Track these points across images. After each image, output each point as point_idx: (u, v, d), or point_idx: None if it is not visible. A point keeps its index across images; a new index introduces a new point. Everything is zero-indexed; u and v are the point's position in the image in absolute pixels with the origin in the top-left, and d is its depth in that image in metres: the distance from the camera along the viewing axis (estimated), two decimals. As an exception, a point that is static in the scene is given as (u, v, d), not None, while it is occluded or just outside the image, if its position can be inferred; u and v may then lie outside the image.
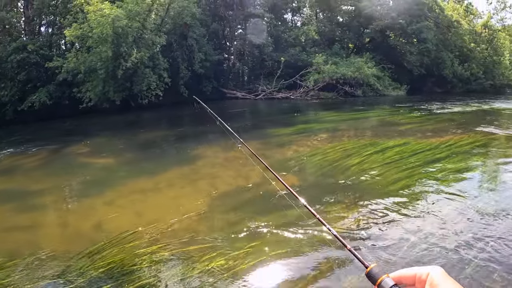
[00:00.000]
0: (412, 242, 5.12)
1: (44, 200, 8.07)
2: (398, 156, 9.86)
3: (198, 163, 10.44)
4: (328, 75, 31.20)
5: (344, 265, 4.66)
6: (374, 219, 5.95)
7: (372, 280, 1.05)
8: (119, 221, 6.43)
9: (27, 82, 23.53)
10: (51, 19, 27.24)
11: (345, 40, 41.21)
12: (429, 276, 0.93)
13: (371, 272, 1.06)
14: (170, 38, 26.71)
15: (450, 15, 41.16)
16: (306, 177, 8.61)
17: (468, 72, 40.17)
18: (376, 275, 1.04)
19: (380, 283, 1.01)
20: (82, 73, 22.36)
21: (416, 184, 7.63)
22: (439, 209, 6.24)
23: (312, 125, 16.59)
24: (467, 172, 8.57)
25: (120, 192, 8.18)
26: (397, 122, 16.69)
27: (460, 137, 12.29)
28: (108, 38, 21.54)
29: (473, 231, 5.40)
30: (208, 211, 6.69)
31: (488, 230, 5.42)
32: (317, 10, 42.13)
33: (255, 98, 32.28)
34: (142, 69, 23.56)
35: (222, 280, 4.45)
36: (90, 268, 4.87)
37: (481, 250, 4.84)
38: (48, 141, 15.28)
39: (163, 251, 5.20)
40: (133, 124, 20.24)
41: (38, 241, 6.01)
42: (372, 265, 1.07)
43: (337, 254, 4.90)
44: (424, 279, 0.95)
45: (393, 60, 36.28)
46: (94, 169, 10.60)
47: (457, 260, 4.62)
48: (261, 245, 5.22)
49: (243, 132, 15.61)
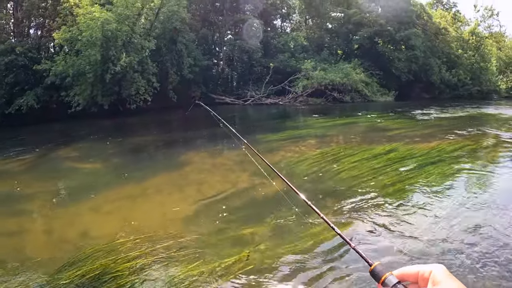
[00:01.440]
0: (402, 246, 5.15)
1: (30, 205, 7.99)
2: (386, 161, 9.92)
3: (186, 168, 10.41)
4: (316, 81, 31.37)
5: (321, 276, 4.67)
6: (362, 224, 5.98)
7: (376, 278, 1.06)
8: (105, 227, 6.39)
9: (14, 85, 23.28)
10: (40, 21, 27.08)
11: (334, 46, 41.47)
12: (432, 273, 0.94)
13: (375, 270, 1.07)
14: (160, 43, 26.65)
15: (438, 22, 41.75)
16: (293, 183, 8.60)
17: (455, 78, 40.78)
18: (380, 272, 1.05)
19: (384, 280, 1.02)
20: (70, 76, 22.16)
21: (405, 189, 7.68)
22: (428, 213, 6.30)
23: (300, 131, 16.64)
24: (456, 177, 8.67)
25: (107, 198, 8.13)
26: (385, 127, 16.80)
27: (448, 142, 12.42)
28: (97, 42, 21.46)
29: (463, 233, 5.45)
30: (195, 216, 6.68)
31: (478, 232, 5.49)
32: (306, 16, 42.40)
33: (244, 103, 32.32)
34: (131, 74, 23.45)
35: (209, 287, 4.44)
36: (75, 275, 4.83)
37: (471, 251, 4.88)
38: (35, 145, 15.13)
39: (150, 257, 5.17)
40: (121, 129, 20.15)
41: (23, 247, 5.95)
42: (375, 263, 1.09)
43: (316, 263, 4.91)
44: (427, 276, 0.95)
45: (382, 67, 36.61)
46: (81, 174, 10.52)
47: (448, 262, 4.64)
48: (249, 251, 5.22)
49: (232, 137, 15.60)
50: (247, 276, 4.62)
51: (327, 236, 5.55)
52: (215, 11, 35.88)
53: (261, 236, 5.72)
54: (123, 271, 4.89)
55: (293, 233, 5.73)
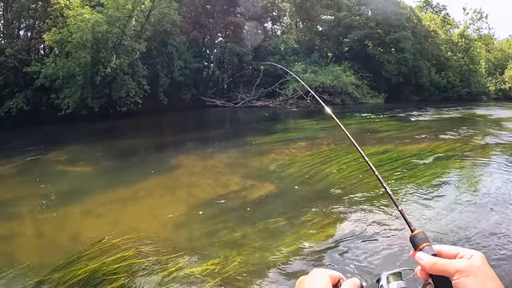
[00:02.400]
0: (394, 248, 5.20)
1: (20, 209, 7.94)
2: (377, 163, 9.98)
3: (177, 171, 10.42)
4: (307, 84, 31.42)
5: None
6: (349, 226, 6.02)
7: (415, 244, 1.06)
8: (96, 231, 6.38)
9: (4, 87, 23.09)
10: (30, 22, 26.89)
11: (324, 49, 41.65)
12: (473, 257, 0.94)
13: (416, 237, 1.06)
14: (150, 45, 26.58)
15: (428, 25, 42.12)
16: (284, 185, 8.66)
17: (445, 80, 41.17)
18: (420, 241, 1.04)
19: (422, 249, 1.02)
20: (60, 78, 22.01)
21: (396, 191, 7.75)
22: (418, 213, 6.37)
23: (291, 133, 16.69)
24: (446, 177, 8.78)
25: (98, 201, 8.11)
26: (375, 129, 16.92)
27: (437, 143, 12.56)
28: (87, 44, 21.37)
29: (453, 234, 5.52)
30: (186, 220, 6.70)
31: (466, 232, 5.56)
32: (297, 19, 42.54)
33: (235, 106, 32.35)
34: (121, 76, 23.37)
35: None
36: (66, 280, 4.83)
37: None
38: (25, 148, 15.02)
39: (140, 261, 5.18)
40: (111, 132, 20.07)
41: (13, 251, 5.93)
42: (418, 231, 1.07)
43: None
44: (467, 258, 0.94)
45: (372, 69, 36.84)
46: (71, 177, 10.48)
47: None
48: (240, 253, 5.24)
49: (222, 140, 15.64)
50: (238, 278, 4.65)
51: (318, 237, 5.60)
52: (206, 13, 35.85)
53: (252, 238, 5.75)
54: (113, 274, 4.89)
55: (284, 234, 5.77)
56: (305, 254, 5.16)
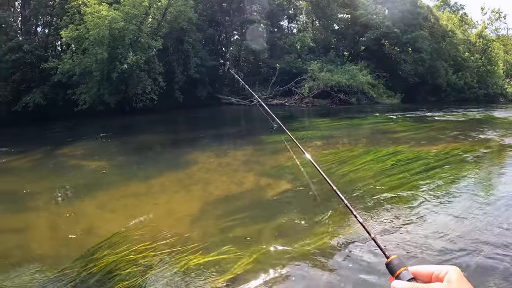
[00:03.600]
0: (402, 249, 5.12)
1: (35, 202, 8.00)
2: (392, 164, 9.86)
3: (192, 168, 10.40)
4: (323, 83, 31.30)
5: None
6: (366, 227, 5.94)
7: (391, 271, 1.07)
8: (110, 225, 6.39)
9: (21, 83, 23.40)
10: (48, 19, 27.15)
11: (341, 48, 41.36)
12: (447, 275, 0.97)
13: (391, 263, 1.08)
14: (166, 42, 26.68)
15: (445, 25, 41.47)
16: (300, 184, 8.59)
17: (462, 81, 40.54)
18: (396, 266, 1.07)
19: (398, 275, 1.04)
20: (77, 75, 22.24)
21: (410, 193, 7.61)
22: (433, 218, 6.25)
23: (306, 132, 16.56)
24: (462, 181, 8.59)
25: (112, 196, 8.14)
26: (391, 130, 16.74)
27: (454, 145, 12.33)
28: (104, 40, 21.54)
29: (466, 239, 5.41)
30: (201, 216, 6.67)
31: (482, 238, 5.44)
32: (313, 17, 42.22)
33: (250, 104, 32.28)
34: (137, 73, 23.55)
35: (213, 286, 4.43)
36: (80, 273, 4.83)
37: (474, 256, 4.84)
38: (41, 143, 15.19)
39: (154, 257, 5.16)
40: (127, 128, 20.19)
41: (28, 244, 5.95)
42: (392, 257, 1.10)
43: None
44: (442, 277, 0.97)
45: (388, 69, 36.45)
46: (86, 172, 10.53)
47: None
48: (254, 251, 5.20)
49: (238, 138, 15.62)
50: (250, 275, 4.61)
51: (332, 237, 5.54)
52: (222, 11, 35.86)
53: (266, 236, 5.71)
54: (127, 268, 4.88)
55: (298, 233, 5.71)
56: (319, 254, 5.10)
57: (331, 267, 4.79)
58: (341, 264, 4.83)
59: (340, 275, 4.57)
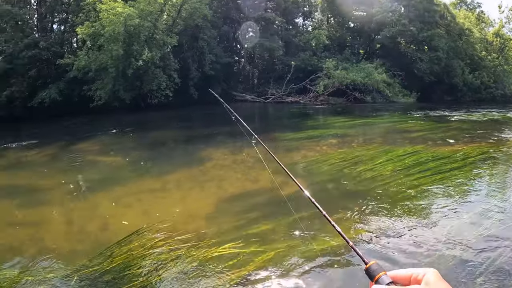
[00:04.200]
0: (416, 251, 5.05)
1: (51, 196, 8.06)
2: (408, 164, 9.74)
3: (206, 164, 10.39)
4: (338, 81, 31.17)
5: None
6: (379, 227, 5.88)
7: (370, 276, 1.08)
8: (125, 220, 6.39)
9: (37, 79, 23.66)
10: (64, 16, 27.43)
11: (356, 45, 41.13)
12: (425, 277, 0.98)
13: (370, 269, 1.09)
14: (181, 39, 26.79)
15: (462, 23, 40.87)
16: (314, 182, 8.54)
17: (478, 80, 39.95)
18: (375, 271, 1.07)
19: (378, 279, 1.05)
20: (92, 71, 22.42)
21: (426, 194, 7.51)
22: (448, 220, 6.14)
23: (321, 130, 16.47)
24: (478, 183, 8.44)
25: (127, 191, 8.15)
26: (407, 129, 16.56)
27: (471, 146, 12.12)
28: (119, 37, 21.64)
29: (480, 243, 5.30)
30: (215, 213, 6.65)
31: (497, 243, 5.33)
32: (328, 15, 42.03)
33: (265, 101, 32.28)
34: (152, 69, 23.69)
35: (228, 282, 4.41)
36: (94, 268, 4.83)
37: (486, 261, 4.75)
38: (57, 138, 15.33)
39: (170, 253, 5.15)
40: (142, 124, 20.27)
41: (43, 238, 5.99)
42: (371, 262, 1.11)
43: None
44: (420, 279, 0.99)
45: (403, 67, 36.12)
46: (101, 167, 10.60)
47: (463, 271, 4.54)
48: (268, 248, 5.17)
49: (253, 135, 15.54)
50: (264, 272, 4.58)
51: (347, 236, 5.47)
52: (236, 8, 35.85)
53: (281, 233, 5.66)
54: (142, 263, 4.88)
55: (313, 232, 5.66)
56: (332, 253, 5.04)
57: (348, 265, 4.74)
58: (360, 261, 4.78)
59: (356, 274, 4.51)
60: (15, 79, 23.10)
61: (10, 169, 10.92)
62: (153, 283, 4.47)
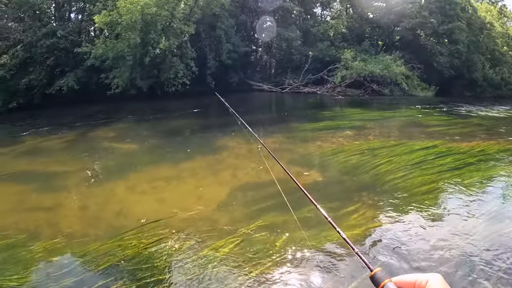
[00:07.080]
0: (429, 248, 4.99)
1: (67, 182, 8.14)
2: (424, 158, 9.63)
3: (221, 153, 10.40)
4: (356, 72, 30.82)
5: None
6: (393, 222, 5.83)
7: (375, 283, 1.11)
8: (140, 207, 6.44)
9: (55, 67, 23.82)
10: (81, 5, 27.48)
11: (375, 37, 40.60)
12: (428, 283, 1.01)
13: (375, 276, 1.12)
14: (199, 28, 26.73)
15: (483, 17, 40.01)
16: (329, 174, 8.48)
17: (499, 76, 39.05)
18: (380, 279, 1.10)
19: (383, 286, 1.08)
20: (110, 59, 22.51)
21: (441, 190, 7.42)
22: (463, 218, 6.05)
23: (337, 122, 16.34)
24: (495, 180, 8.30)
25: (143, 178, 8.20)
26: (424, 123, 16.35)
27: (489, 143, 11.93)
28: (137, 25, 21.67)
29: (495, 243, 5.22)
30: (229, 202, 6.66)
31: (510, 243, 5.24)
32: (347, 5, 41.48)
33: (282, 91, 32.13)
34: (169, 58, 23.73)
35: (240, 271, 4.42)
36: (107, 253, 4.87)
37: (500, 262, 4.68)
38: (74, 125, 15.46)
39: (182, 240, 5.17)
40: (159, 112, 20.32)
41: (58, 222, 6.05)
42: (376, 269, 1.13)
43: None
44: (424, 285, 1.01)
45: (423, 60, 35.55)
46: (118, 154, 10.68)
47: (475, 270, 4.48)
48: (280, 239, 5.16)
49: (268, 125, 15.53)
50: (276, 264, 4.58)
51: (360, 230, 5.45)
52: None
53: (293, 225, 5.63)
54: (154, 250, 4.90)
55: (325, 224, 5.61)
56: (344, 247, 5.01)
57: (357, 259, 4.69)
58: (373, 257, 4.74)
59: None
60: (34, 67, 23.28)
61: (28, 155, 11.04)
62: (163, 270, 4.49)
